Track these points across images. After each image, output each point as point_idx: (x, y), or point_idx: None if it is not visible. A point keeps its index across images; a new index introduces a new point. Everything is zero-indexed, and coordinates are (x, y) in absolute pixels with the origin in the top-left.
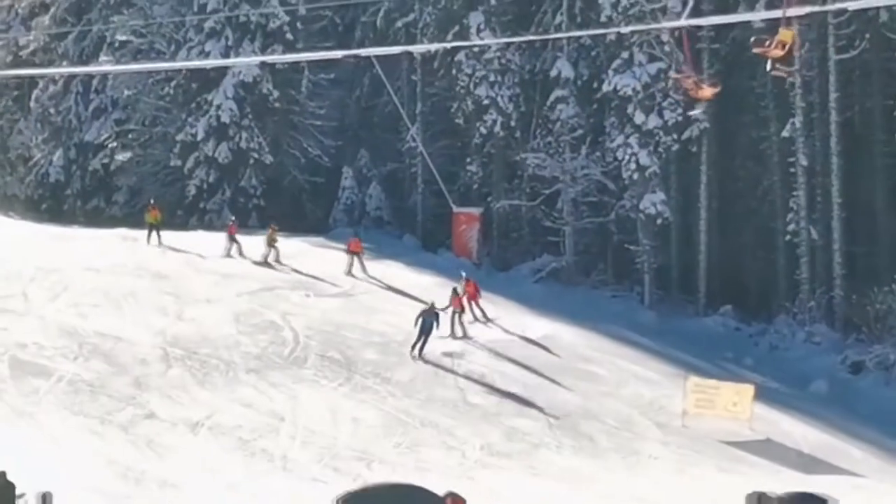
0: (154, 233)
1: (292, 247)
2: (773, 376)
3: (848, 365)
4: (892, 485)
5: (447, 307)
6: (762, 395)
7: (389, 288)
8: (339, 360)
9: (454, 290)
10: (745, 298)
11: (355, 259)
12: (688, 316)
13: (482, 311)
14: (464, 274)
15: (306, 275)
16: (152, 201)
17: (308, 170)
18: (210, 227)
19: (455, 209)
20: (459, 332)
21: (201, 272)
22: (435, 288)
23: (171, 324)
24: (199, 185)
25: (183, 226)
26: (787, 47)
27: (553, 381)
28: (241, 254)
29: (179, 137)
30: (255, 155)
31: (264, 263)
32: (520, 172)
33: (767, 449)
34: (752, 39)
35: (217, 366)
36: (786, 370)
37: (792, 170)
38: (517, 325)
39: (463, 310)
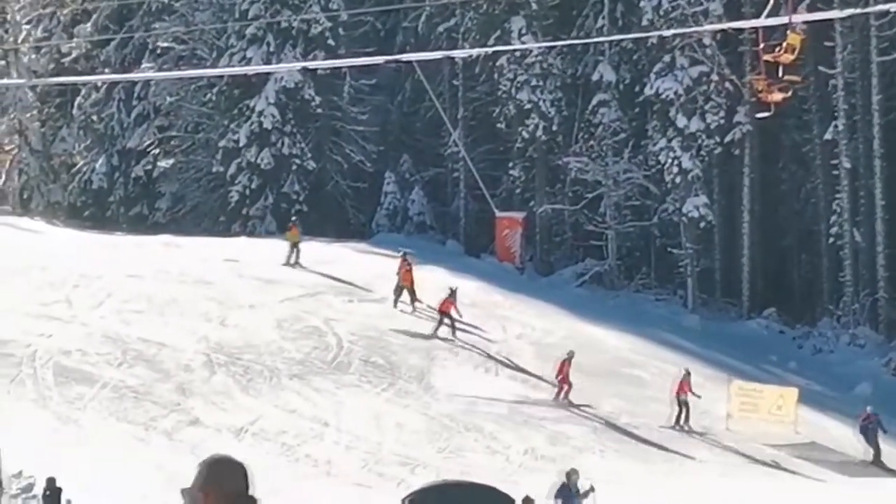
0: (294, 252)
1: (334, 252)
2: (818, 379)
3: (892, 367)
4: None
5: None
6: (806, 398)
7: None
8: (383, 365)
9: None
10: (789, 301)
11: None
12: (731, 319)
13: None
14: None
15: (349, 281)
16: (294, 219)
17: (350, 175)
18: (253, 233)
19: (498, 214)
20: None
21: (244, 278)
22: (477, 293)
23: (215, 330)
24: (242, 191)
25: (225, 232)
26: (796, 51)
27: (597, 385)
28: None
29: (222, 143)
30: (298, 161)
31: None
32: (562, 176)
33: (812, 452)
34: (762, 46)
35: (261, 371)
36: (830, 373)
37: (835, 172)
38: (561, 329)
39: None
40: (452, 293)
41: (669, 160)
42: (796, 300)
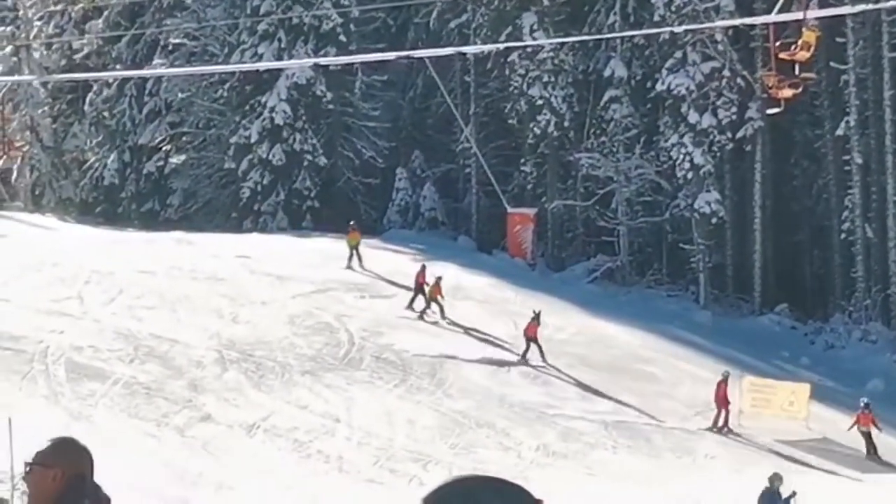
0: (354, 255)
1: (346, 248)
2: (830, 375)
3: None
4: None
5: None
6: (818, 394)
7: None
8: (395, 361)
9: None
10: (801, 297)
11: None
12: (743, 315)
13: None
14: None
15: (361, 276)
16: (352, 223)
17: (362, 171)
18: (264, 229)
19: (509, 209)
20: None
21: (256, 274)
22: (489, 289)
23: (227, 326)
24: (254, 187)
25: (237, 228)
26: (812, 49)
27: (608, 381)
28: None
29: (233, 140)
30: (309, 157)
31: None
32: (574, 172)
33: (824, 448)
34: (778, 44)
35: (272, 368)
36: (842, 369)
37: (847, 168)
38: (572, 325)
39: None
40: (537, 316)
41: (681, 156)
42: (808, 296)
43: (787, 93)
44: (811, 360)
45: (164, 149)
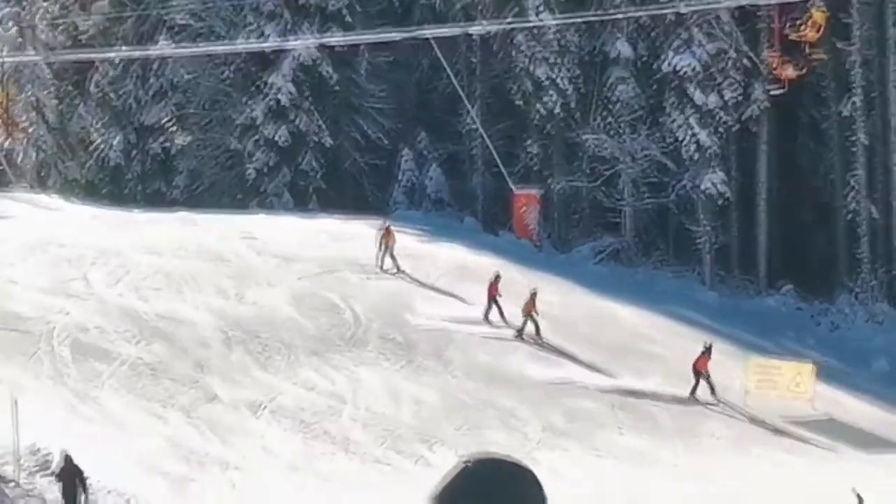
0: (388, 256)
1: (352, 229)
2: (835, 356)
3: None
4: None
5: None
6: (824, 374)
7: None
8: (401, 341)
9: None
10: (807, 278)
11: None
12: (749, 296)
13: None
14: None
15: (367, 258)
16: (388, 224)
17: (368, 152)
18: (270, 209)
19: (515, 190)
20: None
21: (262, 255)
22: (494, 269)
23: (232, 306)
24: (259, 167)
25: (243, 209)
26: (821, 29)
27: (615, 361)
28: (502, 316)
29: (239, 120)
30: (315, 137)
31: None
32: (579, 153)
33: (830, 428)
34: (787, 24)
35: (278, 348)
36: (848, 349)
37: (852, 148)
38: (578, 306)
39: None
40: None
41: (686, 136)
42: (814, 276)
43: (791, 73)
44: (816, 341)
45: (169, 129)
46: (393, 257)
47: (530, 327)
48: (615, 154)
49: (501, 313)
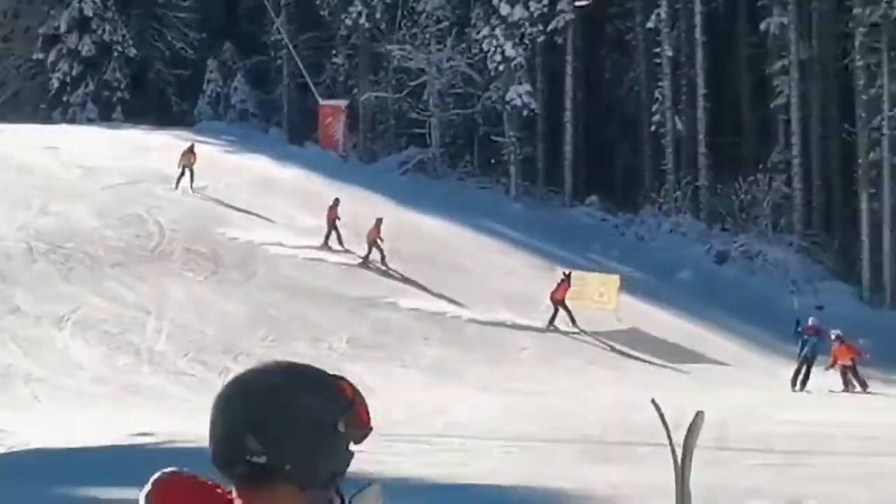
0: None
1: (156, 140)
2: (640, 267)
3: (713, 255)
4: (755, 372)
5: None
6: (629, 285)
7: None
8: (206, 253)
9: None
10: (612, 190)
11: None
12: (554, 207)
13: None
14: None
15: (172, 169)
16: (191, 145)
17: (173, 63)
18: (73, 120)
19: (321, 102)
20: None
21: (66, 166)
22: (300, 181)
23: (36, 218)
24: (63, 78)
25: (46, 119)
26: None
27: (421, 273)
28: (340, 242)
29: (42, 30)
30: (119, 48)
31: (363, 264)
32: (385, 64)
33: (635, 339)
34: None
35: (82, 260)
36: (652, 260)
37: (657, 61)
38: (384, 217)
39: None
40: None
41: (493, 48)
42: (619, 188)
43: None
44: (621, 252)
45: None
46: (192, 179)
47: (375, 254)
48: (421, 65)
49: (340, 239)
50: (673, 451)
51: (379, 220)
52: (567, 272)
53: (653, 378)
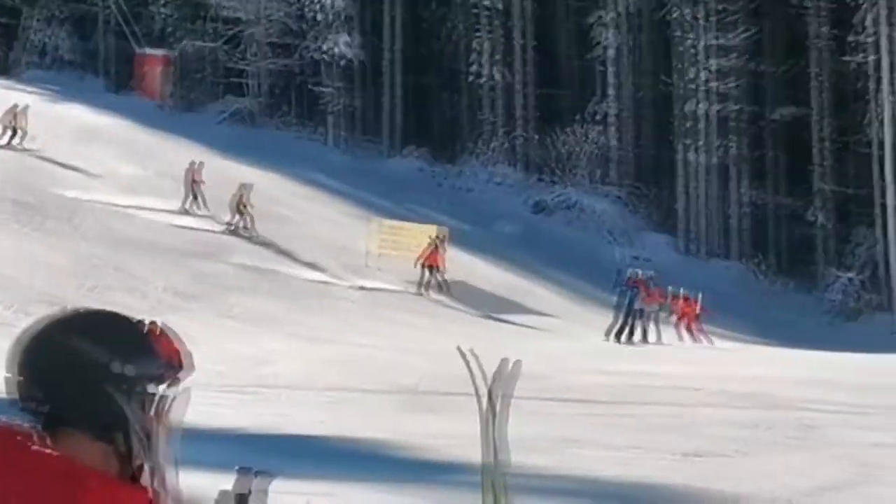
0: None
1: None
2: (460, 217)
3: (532, 205)
4: (576, 322)
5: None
6: (449, 235)
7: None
8: (32, 203)
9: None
10: (432, 140)
11: None
12: (374, 157)
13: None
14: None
15: None
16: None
17: None
18: None
19: (139, 50)
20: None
21: None
22: (119, 130)
23: None
24: None
25: None
26: None
27: (242, 223)
28: (204, 205)
29: None
30: None
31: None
32: (204, 13)
33: (455, 289)
34: None
35: None
36: (472, 211)
37: (475, 10)
38: (205, 167)
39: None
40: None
41: None
42: (439, 139)
43: None
44: (441, 202)
45: None
46: (22, 138)
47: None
48: (241, 15)
49: (203, 202)
50: (479, 400)
51: (245, 186)
52: (434, 236)
53: (474, 329)
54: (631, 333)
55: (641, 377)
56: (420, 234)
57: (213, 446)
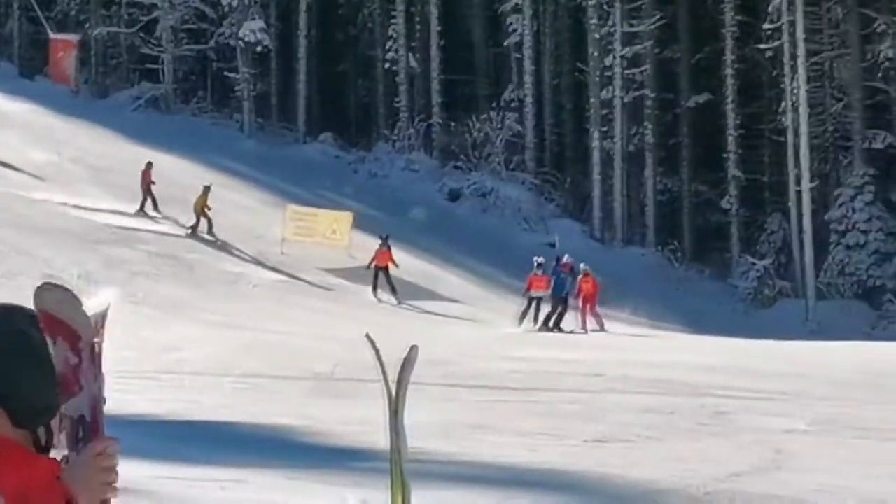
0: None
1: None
2: (373, 204)
3: (446, 192)
4: (488, 309)
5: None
6: (363, 222)
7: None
8: None
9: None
10: (345, 126)
11: None
12: (287, 144)
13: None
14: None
15: None
16: (207, 185)
17: None
18: None
19: (52, 35)
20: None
21: None
22: (31, 115)
23: None
24: None
25: None
26: None
27: (154, 207)
28: (155, 208)
29: None
30: None
31: (192, 234)
32: None
33: (369, 276)
34: None
35: None
36: (386, 197)
37: None
38: (118, 154)
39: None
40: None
41: None
42: (352, 125)
43: None
44: (355, 189)
45: None
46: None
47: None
48: (154, 0)
49: (155, 204)
50: (387, 386)
51: (207, 187)
52: (385, 236)
53: (388, 315)
54: (559, 320)
55: (552, 363)
56: (334, 221)
57: (124, 432)
